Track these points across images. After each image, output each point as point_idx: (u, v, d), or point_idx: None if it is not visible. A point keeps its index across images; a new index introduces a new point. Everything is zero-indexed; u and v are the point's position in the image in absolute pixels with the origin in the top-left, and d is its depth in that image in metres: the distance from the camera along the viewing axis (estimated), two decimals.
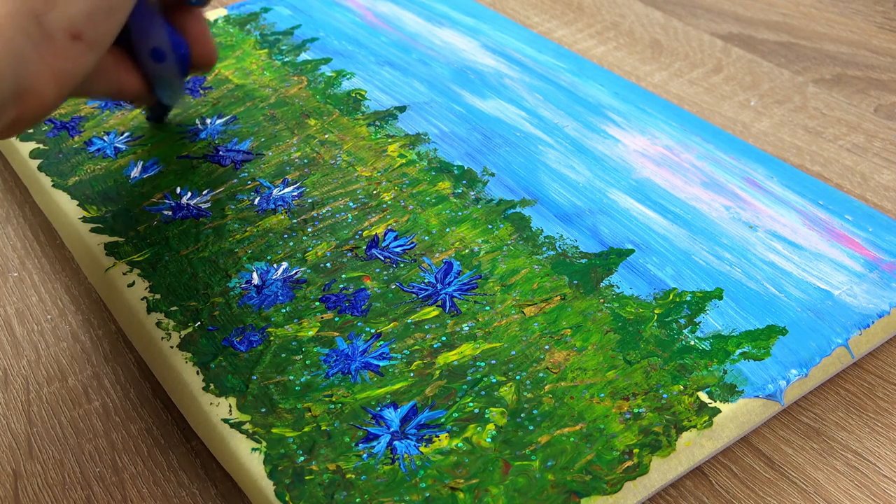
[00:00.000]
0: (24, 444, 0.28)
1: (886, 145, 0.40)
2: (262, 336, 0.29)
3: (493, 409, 0.26)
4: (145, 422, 0.29)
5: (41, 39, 0.25)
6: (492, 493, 0.24)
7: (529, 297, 0.30)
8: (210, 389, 0.27)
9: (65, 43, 0.26)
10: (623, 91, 0.41)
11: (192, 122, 0.40)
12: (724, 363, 0.27)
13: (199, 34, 0.35)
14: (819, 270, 0.31)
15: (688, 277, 0.30)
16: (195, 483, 0.27)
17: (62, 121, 0.41)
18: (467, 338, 0.29)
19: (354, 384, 0.27)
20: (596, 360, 0.28)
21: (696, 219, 0.33)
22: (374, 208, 0.34)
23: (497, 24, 0.47)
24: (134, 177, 0.36)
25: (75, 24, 0.26)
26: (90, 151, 0.38)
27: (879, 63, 0.46)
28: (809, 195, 0.34)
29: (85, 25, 0.26)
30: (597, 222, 0.33)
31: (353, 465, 0.25)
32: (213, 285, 0.31)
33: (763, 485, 0.26)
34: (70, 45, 0.26)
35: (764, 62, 0.46)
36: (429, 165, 0.36)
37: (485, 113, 0.40)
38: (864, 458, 0.27)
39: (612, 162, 0.36)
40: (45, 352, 0.32)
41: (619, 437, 0.25)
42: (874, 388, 0.29)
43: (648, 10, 0.51)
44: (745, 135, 0.41)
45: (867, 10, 0.51)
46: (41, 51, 0.25)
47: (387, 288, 0.31)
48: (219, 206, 0.35)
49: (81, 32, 0.26)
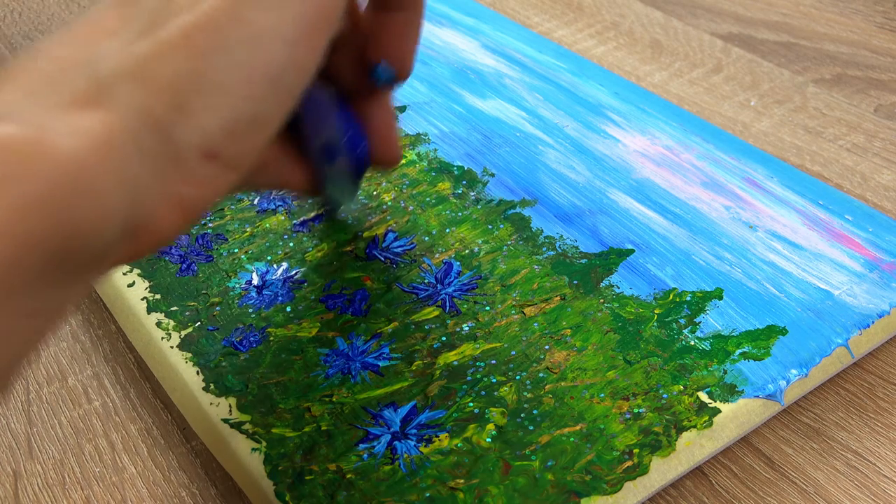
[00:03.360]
0: (24, 444, 0.28)
1: (886, 145, 0.40)
2: (263, 336, 0.29)
3: (493, 409, 0.26)
4: (145, 422, 0.29)
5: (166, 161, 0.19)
6: (492, 493, 0.24)
7: (529, 297, 0.30)
8: (210, 389, 0.27)
9: (196, 165, 0.19)
10: (623, 91, 0.41)
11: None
12: (724, 363, 0.27)
13: (383, 128, 0.28)
14: (819, 270, 0.31)
15: (688, 277, 0.30)
16: (195, 483, 0.27)
17: None
18: (467, 338, 0.29)
19: (354, 384, 0.27)
20: (596, 360, 0.28)
21: (696, 219, 0.33)
22: (375, 209, 0.34)
23: (497, 24, 0.47)
24: None
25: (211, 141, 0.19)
26: None
27: (879, 63, 0.46)
28: (809, 195, 0.34)
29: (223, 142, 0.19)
30: (597, 222, 0.33)
31: (353, 465, 0.25)
32: (213, 286, 0.31)
33: (763, 485, 0.26)
34: (202, 167, 0.19)
35: (764, 62, 0.46)
36: (429, 166, 0.36)
37: (485, 113, 0.40)
38: (864, 458, 0.27)
39: (611, 162, 0.36)
40: (45, 352, 0.32)
41: (619, 437, 0.25)
42: (874, 388, 0.29)
43: (648, 10, 0.51)
44: (745, 135, 0.41)
45: (867, 10, 0.51)
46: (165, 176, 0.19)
47: (387, 288, 0.31)
48: (218, 207, 0.35)
49: (219, 151, 0.19)
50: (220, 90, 0.19)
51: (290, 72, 0.20)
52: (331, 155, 0.27)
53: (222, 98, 0.19)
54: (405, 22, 0.26)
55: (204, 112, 0.19)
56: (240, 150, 0.20)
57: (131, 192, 0.18)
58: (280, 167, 0.26)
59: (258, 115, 0.20)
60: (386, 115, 0.28)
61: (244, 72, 0.19)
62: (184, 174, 0.19)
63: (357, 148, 0.28)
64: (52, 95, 0.18)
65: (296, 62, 0.20)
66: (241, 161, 0.20)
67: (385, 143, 0.28)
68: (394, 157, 0.29)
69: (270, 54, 0.19)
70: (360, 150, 0.28)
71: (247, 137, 0.20)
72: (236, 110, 0.19)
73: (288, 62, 0.20)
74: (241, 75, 0.19)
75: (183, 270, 0.32)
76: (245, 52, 0.19)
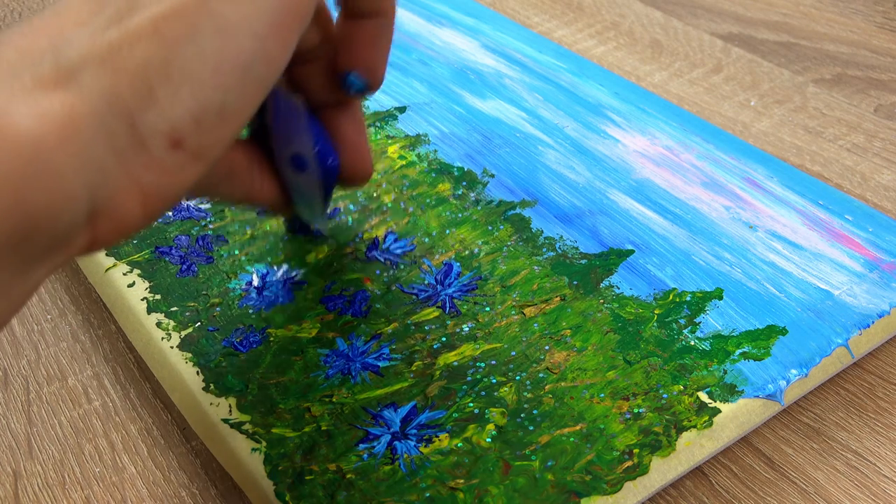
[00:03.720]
0: (24, 444, 0.28)
1: (886, 145, 0.40)
2: (263, 336, 0.29)
3: (493, 410, 0.26)
4: (145, 422, 0.29)
5: (130, 146, 0.19)
6: (492, 493, 0.24)
7: (529, 297, 0.30)
8: (210, 389, 0.27)
9: (162, 152, 0.19)
10: (623, 91, 0.41)
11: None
12: (724, 363, 0.27)
13: (354, 141, 0.28)
14: (819, 270, 0.31)
15: (688, 277, 0.30)
16: (195, 483, 0.27)
17: None
18: (467, 338, 0.29)
19: (354, 384, 0.27)
20: (596, 360, 0.28)
21: (696, 219, 0.33)
22: (375, 210, 0.34)
23: (497, 24, 0.47)
24: None
25: (177, 128, 0.19)
26: None
27: (879, 63, 0.46)
28: (809, 195, 0.34)
29: (190, 130, 0.19)
30: (597, 223, 0.33)
31: (353, 465, 0.25)
32: (213, 286, 0.31)
33: (763, 485, 0.26)
34: (168, 155, 0.19)
35: (764, 62, 0.46)
36: (429, 167, 0.36)
37: (485, 114, 0.40)
38: (864, 458, 0.27)
39: (611, 162, 0.36)
40: (45, 352, 0.32)
41: (619, 437, 0.25)
42: (874, 388, 0.29)
43: (648, 10, 0.51)
44: (745, 135, 0.41)
45: (867, 10, 0.51)
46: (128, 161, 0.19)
47: (387, 289, 0.31)
48: (218, 208, 0.35)
49: (184, 139, 0.19)
50: (189, 79, 0.19)
51: (259, 64, 0.20)
52: (300, 166, 0.27)
53: (190, 86, 0.19)
54: (376, 30, 0.26)
55: (171, 99, 0.19)
56: (206, 140, 0.20)
57: (93, 176, 0.18)
58: (249, 177, 0.26)
59: (226, 106, 0.20)
60: (356, 128, 0.28)
61: (213, 62, 0.19)
62: (148, 161, 0.19)
63: (327, 160, 0.27)
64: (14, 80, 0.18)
65: (265, 55, 0.20)
66: (207, 152, 0.20)
67: (355, 156, 0.28)
68: (364, 171, 0.29)
69: (240, 46, 0.20)
70: (329, 162, 0.27)
71: (214, 128, 0.20)
72: (204, 99, 0.19)
73: (257, 55, 0.20)
74: (210, 65, 0.19)
75: (183, 271, 0.32)
76: (214, 42, 0.19)
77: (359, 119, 0.28)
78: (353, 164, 0.28)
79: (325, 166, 0.27)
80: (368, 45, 0.26)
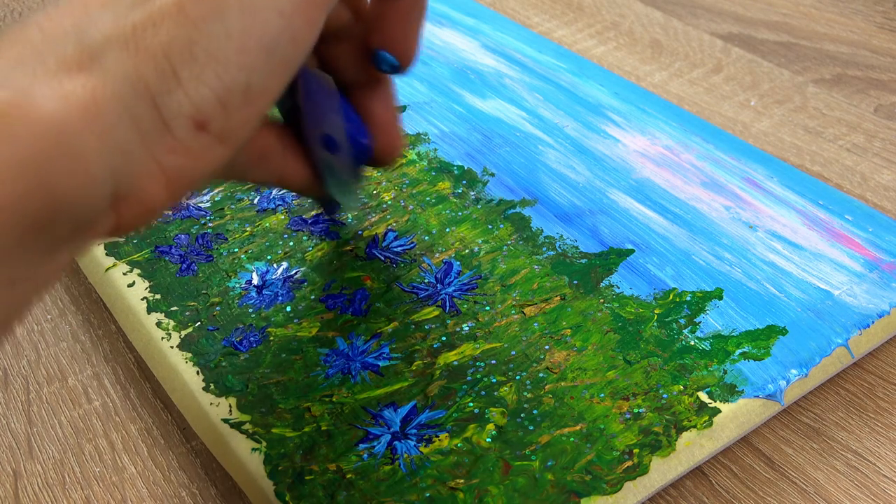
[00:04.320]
0: (24, 444, 0.28)
1: (886, 145, 0.40)
2: (263, 336, 0.29)
3: (493, 409, 0.26)
4: (145, 422, 0.29)
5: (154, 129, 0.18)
6: (492, 493, 0.24)
7: (529, 297, 0.30)
8: (210, 389, 0.27)
9: (186, 134, 0.19)
10: (623, 91, 0.41)
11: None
12: (724, 363, 0.27)
13: (384, 121, 0.28)
14: (819, 270, 0.31)
15: (688, 277, 0.30)
16: (195, 483, 0.27)
17: None
18: (467, 338, 0.29)
19: (354, 384, 0.27)
20: (596, 360, 0.28)
21: (696, 219, 0.33)
22: (374, 208, 0.34)
23: (497, 24, 0.47)
24: None
25: (202, 110, 0.19)
26: None
27: (879, 63, 0.46)
28: (809, 195, 0.34)
29: (215, 112, 0.19)
30: (597, 222, 0.33)
31: (353, 465, 0.25)
32: (213, 286, 0.31)
33: (763, 485, 0.26)
34: (193, 138, 0.19)
35: (764, 62, 0.46)
36: (429, 165, 0.36)
37: (485, 113, 0.40)
38: (864, 458, 0.27)
39: (611, 162, 0.36)
40: (45, 352, 0.32)
41: (619, 437, 0.25)
42: (874, 388, 0.29)
43: (648, 10, 0.51)
44: (745, 135, 0.41)
45: (867, 10, 0.51)
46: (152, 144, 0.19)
47: (387, 288, 0.31)
48: (218, 206, 0.35)
49: (209, 121, 0.19)
50: (213, 59, 0.19)
51: (285, 44, 0.20)
52: (331, 146, 0.27)
53: (215, 67, 0.19)
54: (408, 9, 0.26)
55: (196, 81, 0.19)
56: (232, 122, 0.20)
57: (117, 158, 0.18)
58: (280, 160, 0.26)
59: (251, 87, 0.19)
60: (387, 108, 0.28)
61: (238, 41, 0.19)
62: (173, 143, 0.19)
63: (358, 140, 0.27)
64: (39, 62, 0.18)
65: (291, 34, 0.20)
66: (232, 134, 0.20)
67: (386, 136, 0.28)
68: (395, 150, 0.28)
69: (265, 25, 0.19)
70: (361, 143, 0.27)
71: (239, 109, 0.20)
72: (229, 80, 0.19)
73: (283, 34, 0.20)
74: (235, 45, 0.19)
75: (183, 270, 0.32)
76: (239, 21, 0.19)
77: (390, 98, 0.28)
78: (385, 143, 0.28)
79: (358, 145, 0.27)
80: (400, 24, 0.26)
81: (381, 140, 0.28)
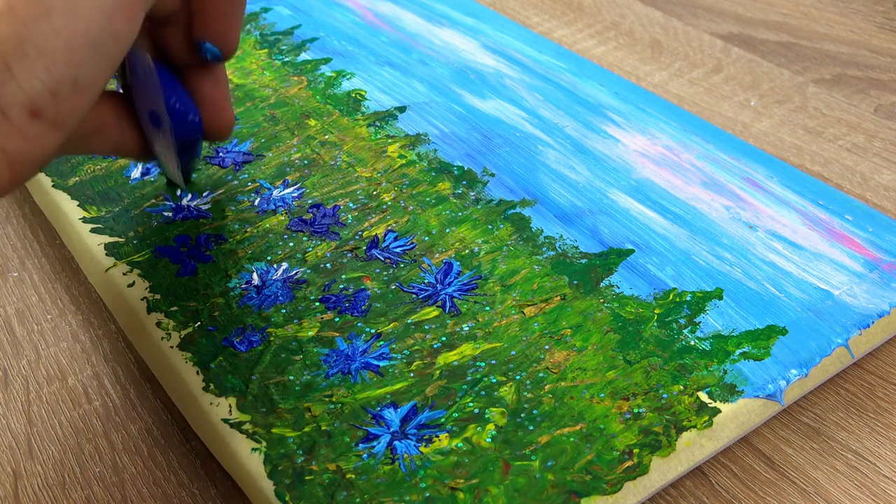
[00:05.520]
0: (24, 444, 0.28)
1: (886, 145, 0.40)
2: (262, 336, 0.29)
3: (493, 409, 0.26)
4: (145, 422, 0.29)
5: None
6: (492, 493, 0.24)
7: (529, 297, 0.30)
8: (210, 389, 0.27)
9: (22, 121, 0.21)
10: (623, 91, 0.41)
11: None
12: (724, 363, 0.27)
13: (212, 98, 0.30)
14: (819, 270, 0.31)
15: (688, 277, 0.30)
16: (195, 483, 0.27)
17: None
18: (467, 338, 0.29)
19: (354, 384, 0.27)
20: (596, 360, 0.28)
21: (696, 219, 0.33)
22: (375, 209, 0.34)
23: (497, 24, 0.47)
24: (134, 178, 0.36)
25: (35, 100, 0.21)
26: None
27: (879, 63, 0.46)
28: (809, 195, 0.34)
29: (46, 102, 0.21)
30: (597, 222, 0.33)
31: (353, 465, 0.25)
32: (213, 286, 0.31)
33: (763, 485, 0.26)
34: (28, 125, 0.21)
35: (764, 62, 0.46)
36: (429, 166, 0.36)
37: (485, 113, 0.40)
38: (864, 458, 0.27)
39: (612, 162, 0.36)
40: (45, 352, 0.32)
41: (619, 437, 0.25)
42: (874, 388, 0.29)
43: (648, 10, 0.51)
44: (745, 135, 0.41)
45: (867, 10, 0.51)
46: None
47: (387, 288, 0.31)
48: (219, 208, 0.35)
49: (42, 110, 0.21)
50: (42, 55, 0.21)
51: (107, 40, 0.22)
52: (157, 122, 0.29)
53: (44, 62, 0.21)
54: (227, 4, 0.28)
55: (28, 74, 0.21)
56: (63, 110, 0.22)
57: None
58: (116, 131, 0.29)
59: (78, 79, 0.22)
60: (216, 85, 0.30)
61: (64, 39, 0.21)
62: (10, 129, 0.21)
63: (187, 116, 0.29)
64: None
65: (113, 31, 0.22)
66: (64, 120, 0.22)
67: (214, 111, 0.30)
68: (224, 126, 0.31)
69: (89, 23, 0.22)
70: (190, 118, 0.29)
71: (69, 99, 0.22)
72: (57, 73, 0.21)
73: (106, 31, 0.22)
74: (62, 42, 0.21)
75: (183, 270, 0.32)
76: (65, 20, 0.21)
77: (219, 77, 0.30)
78: (212, 118, 0.30)
79: (185, 123, 0.29)
80: (220, 16, 0.28)
81: (209, 115, 0.30)
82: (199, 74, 0.30)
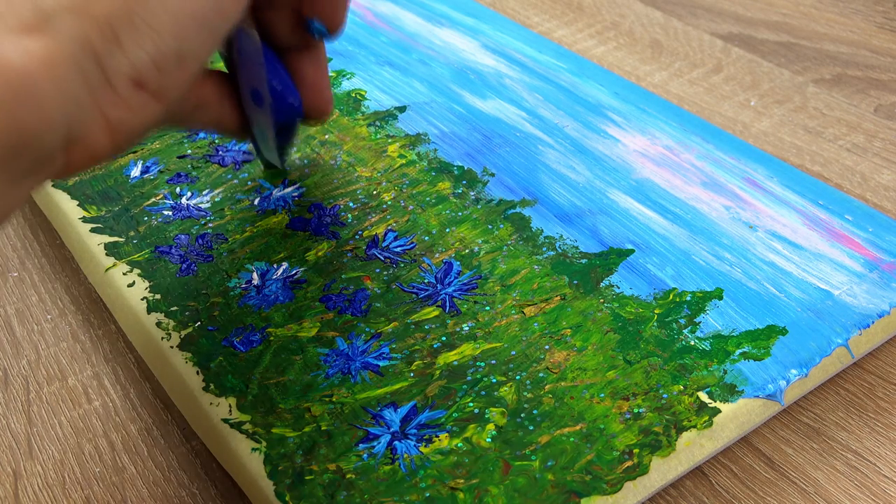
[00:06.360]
0: (24, 444, 0.28)
1: (886, 145, 0.40)
2: (262, 336, 0.29)
3: (493, 409, 0.26)
4: (145, 422, 0.29)
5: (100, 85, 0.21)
6: (492, 493, 0.24)
7: (529, 297, 0.30)
8: (210, 389, 0.27)
9: (126, 91, 0.22)
10: (623, 91, 0.41)
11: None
12: (724, 363, 0.27)
13: (315, 82, 0.31)
14: (819, 270, 0.31)
15: (688, 277, 0.30)
16: (195, 483, 0.27)
17: None
18: (467, 338, 0.29)
19: (354, 384, 0.27)
20: (596, 360, 0.28)
21: (696, 219, 0.33)
22: (374, 209, 0.34)
23: (497, 24, 0.47)
24: (134, 177, 0.36)
25: (139, 72, 0.22)
26: None
27: (879, 63, 0.46)
28: (809, 195, 0.34)
29: (150, 73, 0.22)
30: (597, 222, 0.33)
31: (353, 465, 0.25)
32: (213, 285, 0.31)
33: (763, 485, 0.26)
34: (132, 95, 0.22)
35: (764, 62, 0.46)
36: (429, 166, 0.36)
37: (485, 113, 0.40)
38: (864, 458, 0.27)
39: (612, 162, 0.36)
40: (45, 352, 0.32)
41: (619, 437, 0.25)
42: (874, 388, 0.29)
43: (648, 10, 0.51)
44: (745, 135, 0.41)
45: (867, 10, 0.51)
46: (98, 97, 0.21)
47: (387, 288, 0.31)
48: (219, 207, 0.35)
49: (146, 81, 0.22)
50: (150, 28, 0.22)
51: (214, 16, 0.23)
52: (258, 101, 0.29)
53: (151, 34, 0.22)
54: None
55: (134, 46, 0.21)
56: (165, 83, 0.22)
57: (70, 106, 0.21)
58: (217, 108, 0.29)
59: (183, 53, 0.22)
60: (318, 69, 0.31)
61: (172, 13, 0.22)
62: (115, 98, 0.22)
63: (287, 98, 0.30)
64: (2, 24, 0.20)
65: (220, 8, 0.23)
66: (166, 92, 0.23)
67: (315, 94, 0.31)
68: (323, 108, 0.32)
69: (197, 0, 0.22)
70: (290, 101, 0.30)
71: (172, 71, 0.22)
72: (163, 46, 0.22)
73: (213, 8, 0.23)
74: (169, 16, 0.22)
75: (183, 270, 0.32)
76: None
77: (321, 61, 0.31)
78: (313, 101, 0.31)
79: (285, 104, 0.30)
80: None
81: (309, 98, 0.31)
82: (300, 56, 0.31)
